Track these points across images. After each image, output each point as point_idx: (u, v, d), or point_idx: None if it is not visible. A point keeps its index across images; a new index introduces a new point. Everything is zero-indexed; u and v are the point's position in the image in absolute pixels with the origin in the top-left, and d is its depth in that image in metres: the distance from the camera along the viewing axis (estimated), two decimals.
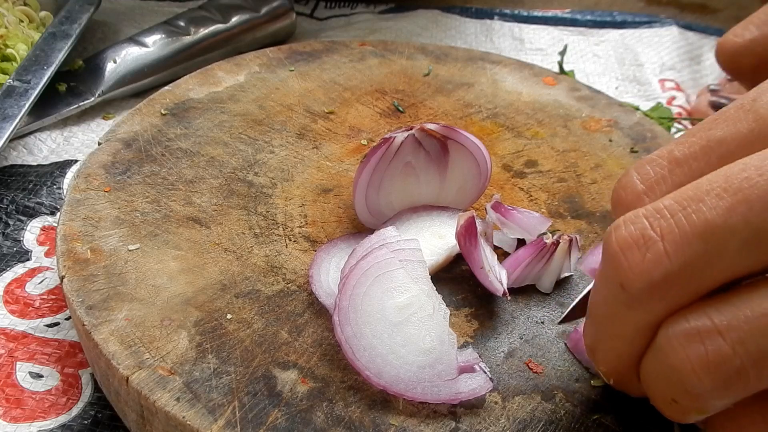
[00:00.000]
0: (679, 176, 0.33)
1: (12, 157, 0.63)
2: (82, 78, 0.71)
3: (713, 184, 0.29)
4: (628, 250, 0.30)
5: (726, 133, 0.32)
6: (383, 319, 0.40)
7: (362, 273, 0.41)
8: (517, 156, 0.60)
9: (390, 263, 0.42)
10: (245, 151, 0.57)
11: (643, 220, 0.30)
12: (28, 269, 0.53)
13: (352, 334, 0.40)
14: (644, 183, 0.33)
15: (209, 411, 0.37)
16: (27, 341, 0.48)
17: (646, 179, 0.33)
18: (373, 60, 0.71)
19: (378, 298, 0.41)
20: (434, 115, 0.64)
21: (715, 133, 0.32)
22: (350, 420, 0.38)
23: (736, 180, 0.29)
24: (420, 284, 0.42)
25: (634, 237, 0.30)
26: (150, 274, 0.45)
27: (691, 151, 0.33)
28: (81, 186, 0.51)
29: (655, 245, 0.29)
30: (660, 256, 0.29)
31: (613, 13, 0.96)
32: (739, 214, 0.28)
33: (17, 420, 0.43)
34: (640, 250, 0.30)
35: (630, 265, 0.30)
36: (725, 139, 0.32)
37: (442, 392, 0.39)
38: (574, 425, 0.39)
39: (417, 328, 0.40)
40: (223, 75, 0.66)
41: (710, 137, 0.32)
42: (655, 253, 0.29)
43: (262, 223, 0.50)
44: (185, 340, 0.41)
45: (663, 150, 0.34)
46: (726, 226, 0.28)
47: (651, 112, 0.76)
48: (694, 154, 0.33)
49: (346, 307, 0.40)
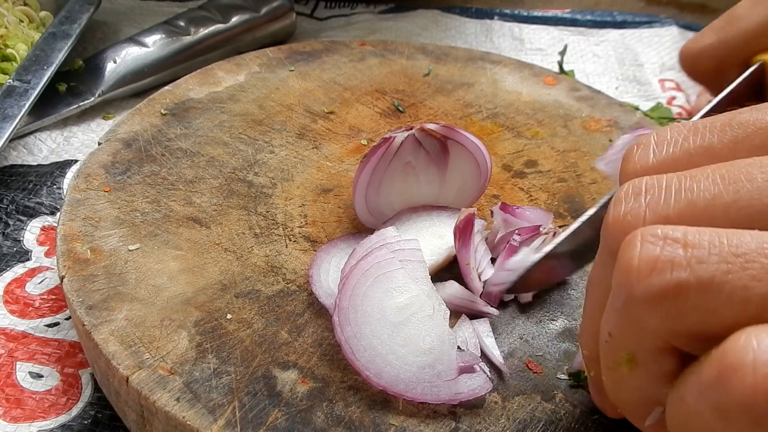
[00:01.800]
0: (691, 143, 0.32)
1: (12, 157, 0.63)
2: (82, 78, 0.71)
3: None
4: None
5: (750, 117, 0.32)
6: (383, 319, 0.40)
7: (362, 273, 0.41)
8: (517, 156, 0.60)
9: (390, 263, 0.42)
10: (245, 151, 0.57)
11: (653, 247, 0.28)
12: (28, 269, 0.53)
13: (352, 335, 0.40)
14: (657, 144, 0.33)
15: (209, 411, 0.37)
16: (27, 341, 0.48)
17: (660, 140, 0.33)
18: (373, 60, 0.71)
19: (378, 298, 0.41)
20: (434, 115, 0.64)
21: (741, 116, 0.32)
22: (350, 420, 0.38)
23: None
24: (420, 284, 0.42)
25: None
26: (150, 274, 0.45)
27: (711, 124, 0.32)
28: (81, 186, 0.51)
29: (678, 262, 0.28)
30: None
31: (613, 13, 0.96)
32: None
33: (17, 420, 0.43)
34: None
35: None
36: (747, 122, 0.32)
37: (442, 392, 0.39)
38: (574, 425, 0.39)
39: (417, 328, 0.40)
40: (223, 75, 0.66)
41: (735, 117, 0.32)
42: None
43: (262, 223, 0.50)
44: (185, 340, 0.41)
45: (687, 122, 0.34)
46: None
47: (651, 112, 0.76)
48: (712, 127, 0.32)
49: (346, 308, 0.40)
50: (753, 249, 0.26)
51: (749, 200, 0.28)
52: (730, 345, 0.25)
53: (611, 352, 0.31)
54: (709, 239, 0.27)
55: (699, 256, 0.27)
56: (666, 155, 0.33)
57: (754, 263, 0.26)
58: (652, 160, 0.33)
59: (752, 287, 0.26)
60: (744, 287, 0.26)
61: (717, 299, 0.26)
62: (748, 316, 0.26)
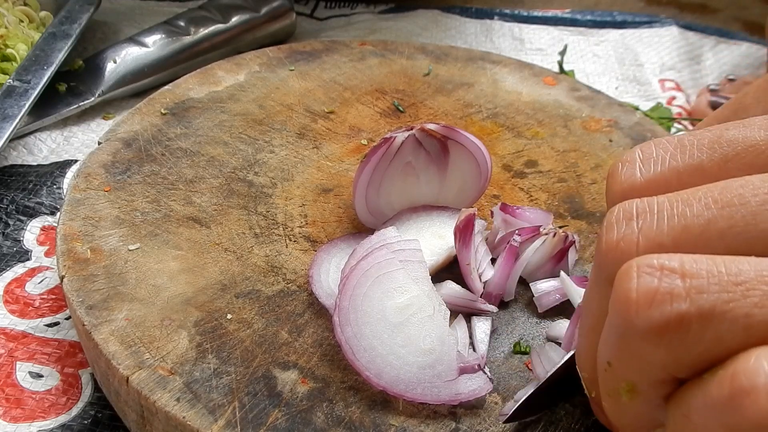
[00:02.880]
0: (679, 161, 0.32)
1: (12, 157, 0.63)
2: (82, 78, 0.71)
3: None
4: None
5: (739, 135, 0.31)
6: (383, 319, 0.40)
7: (363, 273, 0.41)
8: (517, 156, 0.60)
9: (390, 264, 0.42)
10: (245, 151, 0.57)
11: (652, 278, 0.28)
12: (28, 269, 0.53)
13: (353, 335, 0.40)
14: (644, 162, 0.32)
15: (209, 411, 0.37)
16: (27, 341, 0.48)
17: (647, 158, 0.32)
18: (373, 60, 0.71)
19: (378, 298, 0.41)
20: (434, 115, 0.64)
21: (729, 132, 0.31)
22: (350, 420, 0.38)
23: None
24: (420, 285, 0.42)
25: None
26: (150, 274, 0.45)
27: (699, 141, 0.32)
28: (81, 186, 0.51)
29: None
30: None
31: (613, 13, 0.96)
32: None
33: (17, 420, 0.43)
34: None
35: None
36: (736, 140, 0.31)
37: (443, 393, 0.39)
38: (574, 425, 0.39)
39: (417, 328, 0.40)
40: (223, 75, 0.66)
41: (723, 134, 0.31)
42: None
43: (262, 223, 0.50)
44: (185, 340, 0.41)
45: (672, 136, 0.33)
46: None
47: (651, 112, 0.76)
48: (700, 144, 0.32)
49: (346, 308, 0.40)
50: (753, 277, 0.26)
51: (744, 226, 0.28)
52: (741, 367, 0.25)
53: (611, 380, 0.30)
54: (707, 268, 0.27)
55: (698, 286, 0.26)
56: (654, 174, 0.32)
57: (755, 291, 0.26)
58: (639, 178, 0.32)
59: (755, 314, 0.25)
60: (746, 315, 0.25)
61: (720, 328, 0.26)
62: (751, 343, 0.25)
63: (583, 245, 0.51)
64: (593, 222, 0.54)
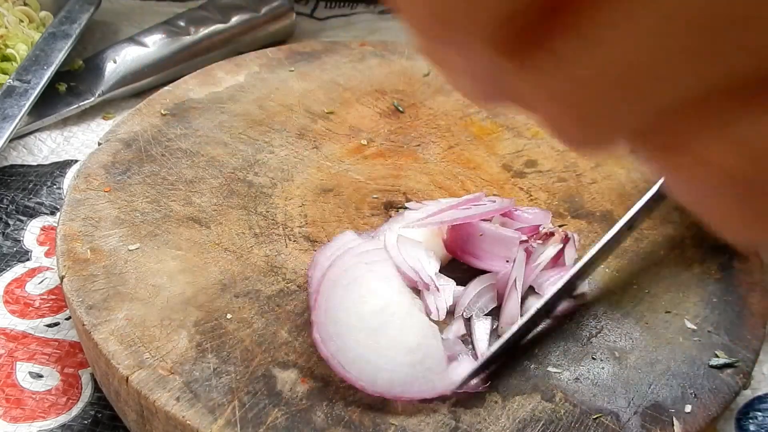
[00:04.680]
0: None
1: (12, 157, 0.63)
2: (82, 78, 0.71)
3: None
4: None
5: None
6: (363, 327, 0.40)
7: (332, 285, 0.41)
8: (517, 156, 0.60)
9: (357, 268, 0.41)
10: (245, 151, 0.57)
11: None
12: (28, 269, 0.53)
13: (337, 349, 0.39)
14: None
15: (209, 410, 0.37)
16: (27, 341, 0.48)
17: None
18: (373, 60, 0.71)
19: (353, 307, 0.40)
20: (434, 115, 0.64)
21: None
22: (350, 419, 0.38)
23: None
24: (391, 284, 0.42)
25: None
26: (150, 274, 0.45)
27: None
28: (81, 186, 0.51)
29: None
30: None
31: None
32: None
33: (17, 420, 0.43)
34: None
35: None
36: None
37: (438, 385, 0.39)
38: (574, 425, 0.39)
39: (399, 328, 0.40)
40: (223, 75, 0.66)
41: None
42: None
43: (262, 223, 0.50)
44: (185, 340, 0.41)
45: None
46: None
47: None
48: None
49: (324, 323, 0.40)
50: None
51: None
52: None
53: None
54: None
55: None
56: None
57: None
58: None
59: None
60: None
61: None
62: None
63: (584, 244, 0.51)
64: (593, 222, 0.54)
